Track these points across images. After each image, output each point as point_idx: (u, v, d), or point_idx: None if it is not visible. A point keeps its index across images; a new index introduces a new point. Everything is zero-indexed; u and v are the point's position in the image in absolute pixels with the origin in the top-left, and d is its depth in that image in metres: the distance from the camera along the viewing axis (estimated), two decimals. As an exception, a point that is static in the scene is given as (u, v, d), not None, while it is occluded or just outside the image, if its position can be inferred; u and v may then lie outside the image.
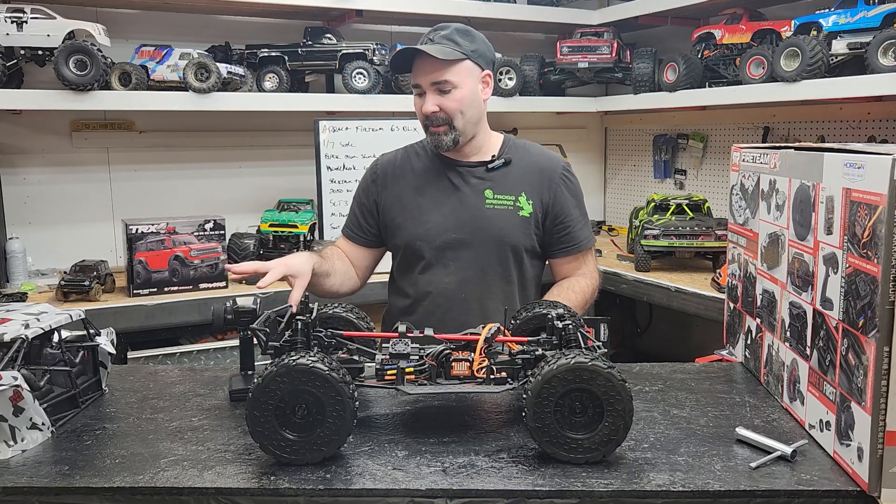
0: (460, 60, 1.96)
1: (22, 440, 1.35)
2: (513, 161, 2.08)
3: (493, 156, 2.08)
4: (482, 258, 2.02)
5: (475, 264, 2.02)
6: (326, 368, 1.24)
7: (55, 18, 2.98)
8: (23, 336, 1.39)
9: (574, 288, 2.05)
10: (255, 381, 1.25)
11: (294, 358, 1.24)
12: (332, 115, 3.67)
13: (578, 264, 2.12)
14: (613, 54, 3.90)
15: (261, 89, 3.48)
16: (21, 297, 2.92)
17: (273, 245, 3.37)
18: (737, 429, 1.38)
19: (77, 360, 1.56)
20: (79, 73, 2.95)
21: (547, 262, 2.17)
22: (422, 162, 2.11)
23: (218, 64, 3.21)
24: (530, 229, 2.05)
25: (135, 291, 2.98)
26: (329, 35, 3.60)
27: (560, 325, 1.43)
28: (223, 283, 3.13)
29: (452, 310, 2.00)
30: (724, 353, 1.94)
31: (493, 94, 3.96)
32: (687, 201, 3.44)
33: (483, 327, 1.46)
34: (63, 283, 2.90)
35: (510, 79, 3.93)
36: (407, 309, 2.07)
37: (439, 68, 1.94)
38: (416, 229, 2.04)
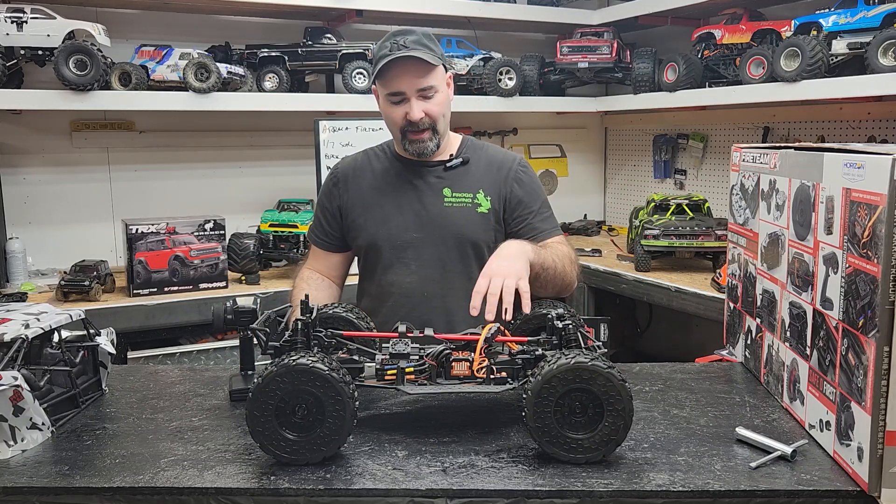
0: (437, 65, 1.96)
1: (22, 440, 1.35)
2: (470, 160, 2.08)
3: (451, 155, 2.08)
4: (442, 256, 2.03)
5: (436, 262, 2.03)
6: (326, 368, 1.24)
7: (55, 18, 2.98)
8: (23, 336, 1.39)
9: (555, 246, 1.99)
10: (255, 381, 1.25)
11: (294, 358, 1.24)
12: (332, 115, 3.68)
13: None
14: (613, 54, 3.91)
15: (261, 89, 3.48)
16: (21, 297, 2.92)
17: (273, 245, 3.37)
18: (737, 429, 1.38)
19: (77, 360, 1.56)
20: (79, 73, 2.96)
21: None
22: (381, 163, 2.12)
23: (218, 64, 3.21)
24: (490, 225, 2.05)
25: (135, 291, 2.98)
26: (329, 35, 3.61)
27: (560, 325, 1.43)
28: (223, 283, 3.13)
29: (415, 308, 2.00)
30: (724, 353, 1.94)
31: (493, 94, 4.01)
32: (687, 201, 3.44)
33: (483, 327, 1.46)
34: (63, 283, 2.91)
35: (510, 79, 3.93)
36: (373, 310, 2.06)
37: (424, 74, 1.93)
38: (376, 229, 2.05)
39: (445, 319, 1.96)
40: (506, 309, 1.56)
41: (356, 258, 2.19)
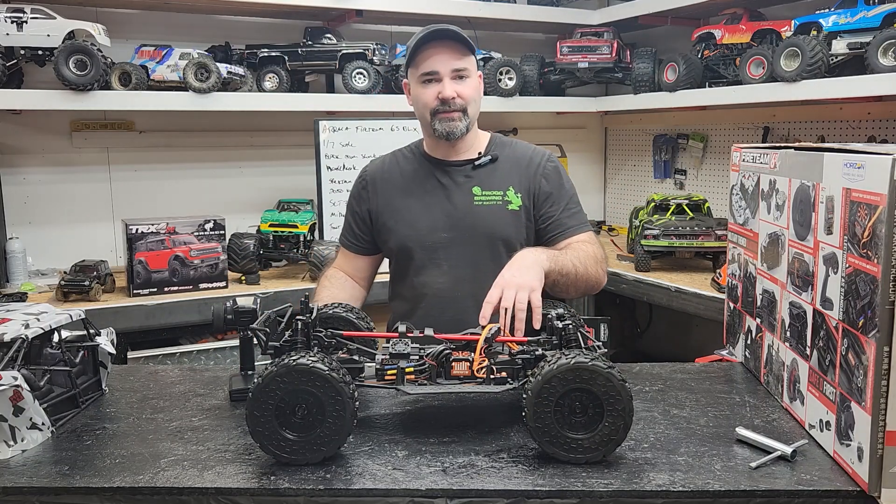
0: (472, 53, 1.99)
1: (22, 440, 1.35)
2: (499, 157, 2.08)
3: (480, 153, 2.08)
4: (474, 255, 2.02)
5: (468, 262, 2.02)
6: (326, 368, 1.24)
7: (55, 18, 2.98)
8: (23, 336, 1.39)
9: (582, 248, 1.97)
10: (255, 381, 1.25)
11: (294, 358, 1.24)
12: (332, 115, 3.67)
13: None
14: (613, 54, 3.90)
15: (261, 89, 3.48)
16: (21, 297, 2.92)
17: (273, 245, 3.37)
18: (737, 429, 1.38)
19: (77, 360, 1.56)
20: (79, 73, 2.95)
21: None
22: (410, 164, 2.11)
23: (218, 64, 3.21)
24: (521, 223, 2.05)
25: (135, 291, 2.98)
26: (329, 35, 3.61)
27: (560, 325, 1.43)
28: (223, 283, 3.13)
29: (449, 309, 1.99)
30: (724, 353, 1.94)
31: (493, 94, 4.01)
32: (687, 201, 3.44)
33: (483, 327, 1.46)
34: (63, 283, 2.91)
35: (510, 79, 3.93)
36: (406, 312, 2.07)
37: (460, 55, 1.95)
38: (406, 231, 2.04)
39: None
40: (518, 329, 1.54)
41: (388, 260, 2.18)
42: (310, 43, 3.57)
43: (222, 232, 3.14)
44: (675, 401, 1.59)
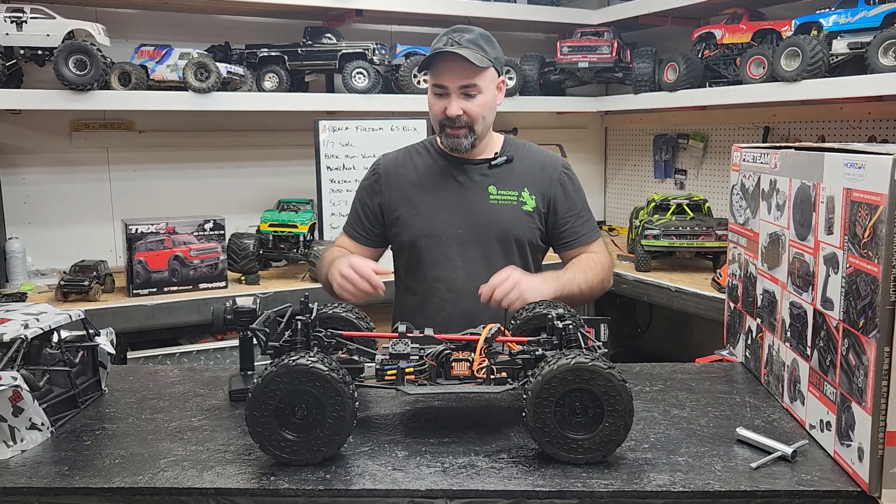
0: (487, 67, 1.97)
1: (21, 440, 1.35)
2: (514, 158, 2.12)
3: (496, 153, 2.12)
4: (488, 253, 2.05)
5: (481, 259, 2.05)
6: (326, 368, 1.23)
7: (55, 18, 2.98)
8: (22, 336, 1.39)
9: (593, 260, 2.09)
10: (255, 381, 1.25)
11: (294, 358, 1.24)
12: (331, 114, 3.67)
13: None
14: (613, 54, 3.91)
15: (261, 89, 3.48)
16: (21, 297, 2.92)
17: (273, 245, 3.37)
18: (737, 429, 1.38)
19: (77, 361, 1.56)
20: (78, 72, 2.95)
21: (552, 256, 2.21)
22: (424, 161, 2.14)
23: (218, 64, 3.21)
24: (534, 224, 2.09)
25: (134, 291, 2.98)
26: (329, 35, 3.61)
27: (560, 325, 1.43)
28: (223, 283, 3.13)
29: (462, 303, 2.02)
30: (724, 353, 1.94)
31: (493, 94, 3.98)
32: (687, 201, 3.44)
33: (483, 327, 1.46)
34: (63, 283, 2.90)
35: (510, 79, 3.93)
36: (418, 306, 2.09)
37: (470, 73, 1.95)
38: (422, 226, 2.07)
39: (492, 314, 1.96)
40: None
41: (394, 254, 2.20)
42: (310, 43, 3.56)
43: (222, 232, 3.14)
44: (675, 401, 1.59)
